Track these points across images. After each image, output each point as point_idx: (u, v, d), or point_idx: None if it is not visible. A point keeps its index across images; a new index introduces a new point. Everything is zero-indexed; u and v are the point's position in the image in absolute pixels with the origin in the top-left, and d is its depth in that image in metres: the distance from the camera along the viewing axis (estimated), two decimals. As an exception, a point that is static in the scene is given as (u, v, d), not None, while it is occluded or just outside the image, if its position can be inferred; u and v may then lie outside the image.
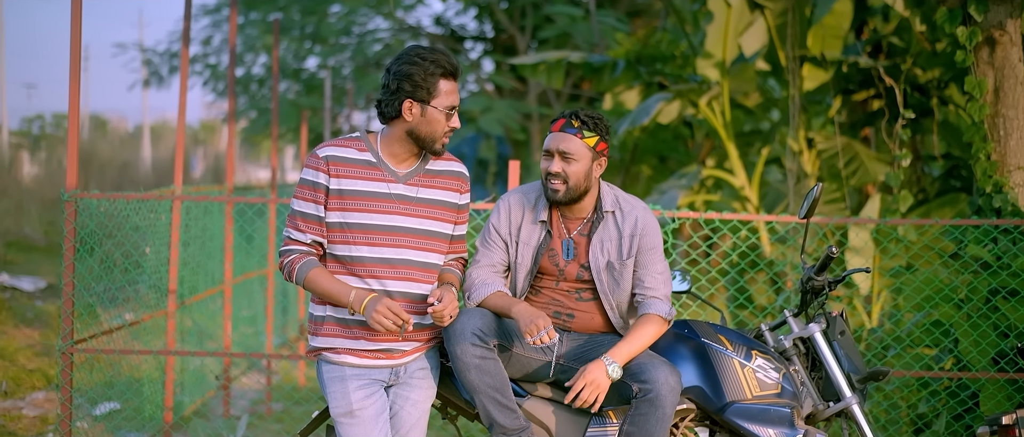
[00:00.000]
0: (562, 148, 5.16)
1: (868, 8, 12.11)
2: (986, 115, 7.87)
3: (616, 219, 5.27)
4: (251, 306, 13.02)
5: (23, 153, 29.79)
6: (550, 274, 5.29)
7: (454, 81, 4.87)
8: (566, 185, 5.17)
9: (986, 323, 7.54)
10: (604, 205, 5.28)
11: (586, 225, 5.29)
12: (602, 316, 5.31)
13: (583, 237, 5.28)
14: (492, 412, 5.03)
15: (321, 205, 4.83)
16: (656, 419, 4.92)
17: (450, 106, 4.86)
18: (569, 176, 5.16)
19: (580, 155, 5.16)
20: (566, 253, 5.26)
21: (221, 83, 29.30)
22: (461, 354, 4.96)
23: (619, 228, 5.25)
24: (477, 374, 4.98)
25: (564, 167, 5.16)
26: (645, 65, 13.85)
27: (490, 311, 5.13)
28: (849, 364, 5.42)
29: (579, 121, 5.17)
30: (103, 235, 8.14)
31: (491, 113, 24.39)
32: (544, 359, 5.20)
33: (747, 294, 10.28)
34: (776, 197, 14.25)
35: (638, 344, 5.09)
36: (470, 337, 4.95)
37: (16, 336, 12.45)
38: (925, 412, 7.97)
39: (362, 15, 27.40)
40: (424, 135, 4.87)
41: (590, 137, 5.17)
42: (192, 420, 9.53)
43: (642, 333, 5.10)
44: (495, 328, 5.07)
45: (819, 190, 5.46)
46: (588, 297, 5.29)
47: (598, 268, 5.23)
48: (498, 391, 5.02)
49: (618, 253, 5.24)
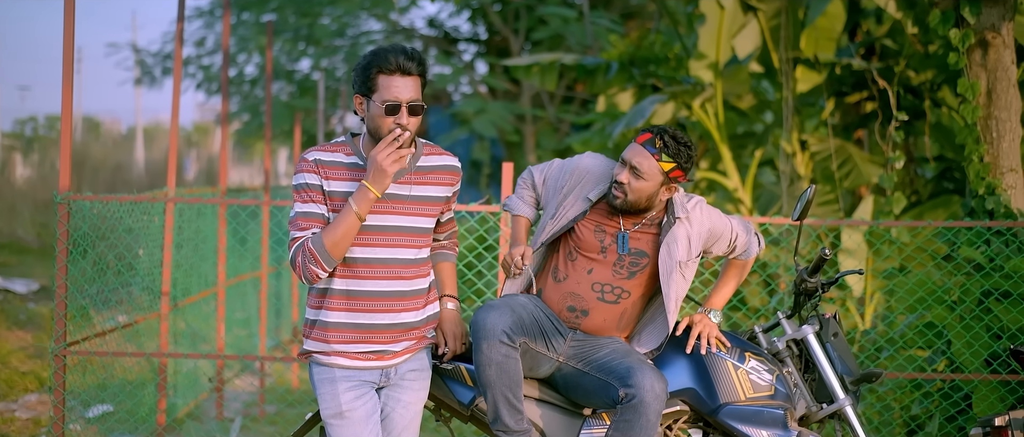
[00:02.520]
0: (636, 163, 5.17)
1: (861, 10, 12.12)
2: (979, 117, 7.88)
3: (683, 223, 5.31)
4: (244, 308, 13.00)
5: (16, 155, 29.77)
6: (590, 249, 5.31)
7: (399, 76, 4.70)
8: (626, 197, 5.20)
9: (979, 325, 7.55)
10: (675, 212, 5.31)
11: (649, 224, 5.32)
12: (614, 322, 5.33)
13: (641, 232, 5.31)
14: (501, 410, 5.05)
15: (321, 203, 4.81)
16: (640, 425, 4.92)
17: (384, 100, 4.70)
18: (631, 191, 5.19)
19: (651, 176, 5.18)
20: (622, 246, 5.29)
21: (214, 84, 29.29)
22: (487, 349, 4.99)
23: (687, 230, 5.30)
24: (497, 372, 5.00)
25: (630, 180, 5.18)
26: (639, 67, 13.86)
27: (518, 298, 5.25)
28: (842, 366, 5.42)
29: (663, 142, 5.17)
30: (96, 237, 8.14)
31: (485, 115, 24.40)
32: (548, 356, 5.23)
33: (740, 296, 10.28)
34: (769, 199, 14.26)
35: (733, 286, 5.60)
36: (500, 335, 4.98)
37: (9, 338, 12.43)
38: (918, 414, 7.98)
39: (356, 17, 27.40)
40: (373, 131, 4.78)
41: (667, 162, 5.17)
42: (185, 422, 9.52)
43: (735, 276, 5.59)
44: (523, 327, 5.10)
45: (812, 192, 5.47)
46: (611, 299, 5.30)
47: (669, 269, 5.25)
48: (511, 391, 5.04)
49: (687, 253, 5.29)
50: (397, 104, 4.71)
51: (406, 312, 4.92)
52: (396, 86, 4.71)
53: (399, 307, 4.90)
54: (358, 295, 4.84)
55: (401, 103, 4.72)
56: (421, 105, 4.76)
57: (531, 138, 25.65)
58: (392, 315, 4.87)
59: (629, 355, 5.13)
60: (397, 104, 4.71)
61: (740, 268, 5.58)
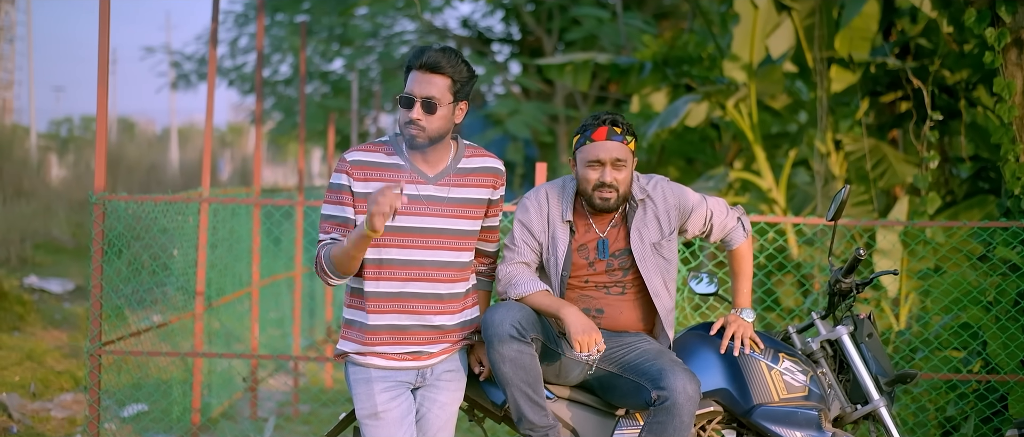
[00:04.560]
0: (616, 156, 5.12)
1: (896, 10, 12.06)
2: (1015, 117, 7.83)
3: (647, 205, 5.27)
4: (278, 308, 13.05)
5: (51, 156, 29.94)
6: (580, 269, 5.27)
7: (422, 72, 4.75)
8: (618, 193, 5.16)
9: (1015, 326, 7.51)
10: (634, 195, 5.27)
11: (616, 217, 5.28)
12: (631, 313, 5.30)
13: (613, 229, 5.27)
14: (523, 407, 4.99)
15: (347, 206, 4.82)
16: (674, 427, 4.87)
17: (401, 95, 4.77)
18: (621, 184, 5.15)
19: (629, 161, 5.16)
20: (602, 252, 5.25)
21: (247, 84, 29.38)
22: (498, 346, 4.90)
23: (653, 210, 5.26)
24: (512, 368, 4.92)
25: (616, 176, 5.14)
26: (672, 67, 13.83)
27: (530, 307, 5.09)
28: (877, 367, 5.40)
29: (621, 127, 5.14)
30: (131, 237, 8.17)
31: (518, 115, 24.38)
32: (579, 361, 5.19)
33: (774, 296, 10.24)
34: (803, 199, 14.20)
35: (747, 278, 5.50)
36: (509, 330, 4.89)
37: (44, 338, 12.50)
38: (953, 415, 7.94)
39: (389, 17, 27.43)
40: (401, 129, 4.83)
41: (631, 141, 5.16)
42: (219, 422, 9.56)
43: (744, 268, 5.50)
44: (535, 323, 5.01)
45: (846, 192, 5.44)
46: (617, 292, 5.28)
47: (642, 254, 5.22)
48: (531, 387, 4.97)
49: (659, 232, 5.26)
50: (411, 98, 4.75)
51: (441, 315, 4.92)
52: (416, 81, 4.76)
53: (434, 310, 4.90)
54: (392, 297, 4.84)
55: (415, 98, 4.74)
56: (435, 103, 4.74)
57: (564, 138, 25.63)
58: (426, 318, 4.88)
59: (661, 356, 5.09)
60: (411, 98, 4.75)
61: (740, 259, 5.50)
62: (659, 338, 5.34)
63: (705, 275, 5.91)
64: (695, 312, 8.09)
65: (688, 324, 7.87)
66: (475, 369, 5.18)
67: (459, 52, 4.85)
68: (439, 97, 4.75)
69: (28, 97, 40.24)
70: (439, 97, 4.75)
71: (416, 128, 4.75)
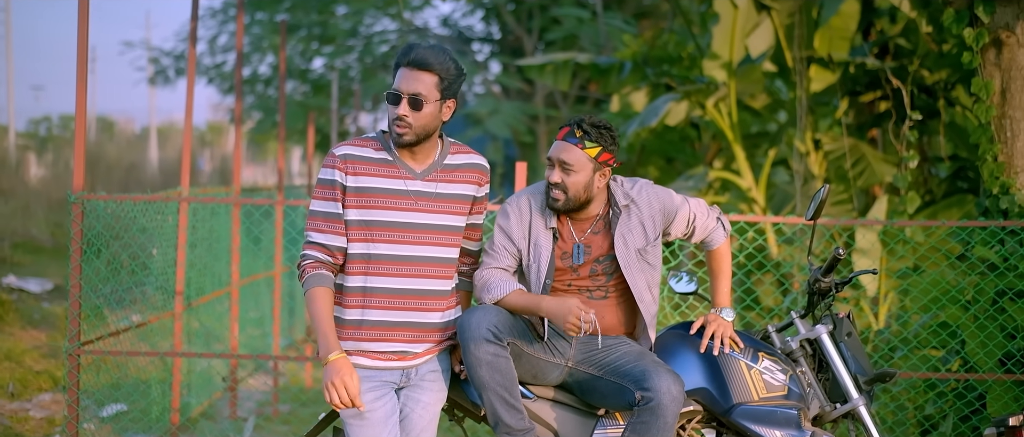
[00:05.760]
0: (562, 158, 5.11)
1: (875, 9, 12.10)
2: (993, 116, 7.86)
3: (632, 210, 5.26)
4: (258, 308, 13.02)
5: (30, 155, 29.81)
6: (564, 274, 5.27)
7: (409, 69, 4.79)
8: (566, 196, 5.13)
9: (993, 324, 7.53)
10: (618, 201, 5.26)
11: (599, 222, 5.27)
12: (613, 316, 5.30)
13: (596, 235, 5.26)
14: (499, 411, 4.99)
15: (338, 202, 4.83)
16: (658, 428, 4.88)
17: (388, 91, 4.82)
18: (568, 187, 5.12)
19: (580, 166, 5.12)
20: (577, 257, 5.24)
21: (227, 82, 29.32)
22: (474, 350, 4.90)
23: (638, 215, 5.25)
24: (488, 371, 4.92)
25: (563, 178, 5.11)
26: (652, 66, 13.85)
27: (507, 309, 5.09)
28: (856, 365, 5.41)
29: (582, 131, 5.11)
30: (110, 237, 8.15)
31: (498, 115, 24.40)
32: (555, 361, 5.18)
33: (754, 295, 10.27)
34: (783, 198, 14.24)
35: (726, 278, 5.50)
36: (485, 333, 4.89)
37: (23, 338, 12.46)
38: (932, 413, 7.97)
39: (369, 16, 27.42)
40: (389, 127, 4.89)
41: (592, 147, 5.11)
42: (199, 422, 9.54)
43: (724, 268, 5.50)
44: (511, 326, 5.02)
45: (826, 192, 5.45)
46: (600, 295, 5.28)
47: (627, 260, 5.21)
48: (507, 390, 4.97)
49: (644, 238, 5.25)
50: (397, 94, 4.79)
51: (430, 312, 4.93)
52: (404, 78, 4.80)
53: (424, 306, 4.91)
54: (378, 292, 4.85)
55: (402, 94, 4.78)
56: (422, 100, 4.77)
57: (544, 138, 25.64)
58: (415, 314, 4.89)
59: (643, 357, 5.10)
60: (397, 94, 4.79)
61: (719, 258, 5.51)
62: (640, 340, 5.34)
63: (684, 274, 5.91)
64: (675, 311, 8.11)
65: (668, 323, 7.88)
66: (457, 369, 5.18)
67: (448, 50, 4.87)
68: (426, 94, 4.77)
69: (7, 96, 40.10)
70: (426, 94, 4.77)
71: (403, 124, 4.78)
